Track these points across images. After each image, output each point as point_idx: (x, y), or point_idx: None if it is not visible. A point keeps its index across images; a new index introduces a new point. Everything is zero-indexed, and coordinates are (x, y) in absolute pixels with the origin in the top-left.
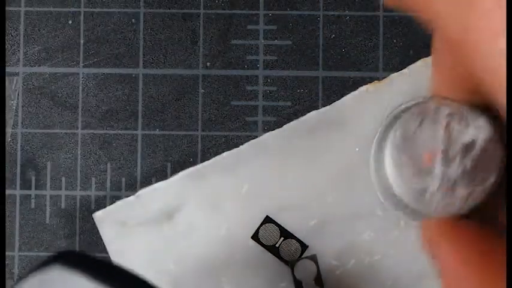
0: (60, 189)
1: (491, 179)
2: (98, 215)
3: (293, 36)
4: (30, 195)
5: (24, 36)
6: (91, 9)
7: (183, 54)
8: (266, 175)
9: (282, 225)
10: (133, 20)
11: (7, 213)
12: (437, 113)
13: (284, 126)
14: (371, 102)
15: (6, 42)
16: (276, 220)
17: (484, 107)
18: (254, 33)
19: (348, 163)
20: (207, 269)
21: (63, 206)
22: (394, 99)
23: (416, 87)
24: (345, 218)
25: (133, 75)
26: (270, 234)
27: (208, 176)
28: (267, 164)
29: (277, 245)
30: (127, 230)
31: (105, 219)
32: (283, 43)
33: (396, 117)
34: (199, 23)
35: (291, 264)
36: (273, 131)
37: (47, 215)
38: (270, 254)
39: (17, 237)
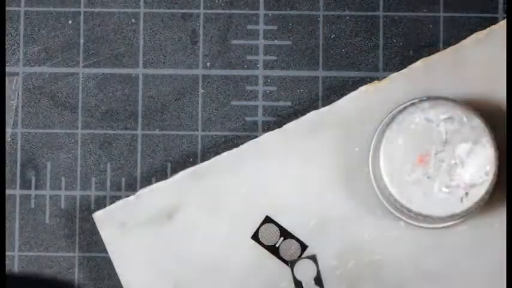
0: (60, 189)
1: (486, 181)
2: (98, 215)
3: (293, 36)
4: (30, 195)
5: (24, 36)
6: (91, 9)
7: (183, 54)
8: (266, 175)
9: (282, 225)
10: (133, 20)
11: (7, 213)
12: (433, 113)
13: (284, 126)
14: (371, 102)
15: (6, 42)
16: (276, 220)
17: (479, 108)
18: (254, 33)
19: (348, 163)
20: (207, 268)
21: (63, 206)
22: (394, 99)
23: (416, 87)
24: (345, 218)
25: (133, 75)
26: (270, 234)
27: (208, 176)
28: (267, 164)
29: (277, 245)
30: (127, 230)
31: (105, 219)
32: (283, 43)
33: (393, 118)
34: (199, 23)
35: (290, 264)
36: (272, 131)
37: (47, 215)
38: (270, 254)
39: (16, 237)
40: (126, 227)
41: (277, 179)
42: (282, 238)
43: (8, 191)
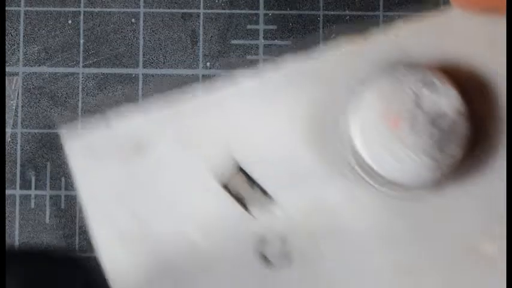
0: (60, 189)
1: (458, 153)
2: (67, 134)
3: (293, 36)
4: (30, 195)
5: (24, 36)
6: (91, 9)
7: (183, 54)
8: (242, 122)
9: (253, 176)
10: (133, 20)
11: (7, 213)
12: (410, 78)
13: (263, 74)
14: (352, 60)
15: (6, 42)
16: (247, 171)
17: (456, 77)
18: (254, 33)
19: (323, 121)
20: (173, 214)
21: (62, 206)
22: (376, 60)
23: (401, 52)
24: (316, 176)
25: (133, 75)
26: (239, 184)
27: (185, 113)
28: (244, 110)
29: (245, 196)
30: (96, 162)
31: (75, 145)
32: (283, 43)
33: (369, 81)
34: (199, 23)
35: (256, 216)
36: (250, 77)
37: (47, 215)
38: (236, 203)
39: (16, 237)
40: (95, 158)
41: (252, 128)
42: (250, 189)
43: (8, 191)
